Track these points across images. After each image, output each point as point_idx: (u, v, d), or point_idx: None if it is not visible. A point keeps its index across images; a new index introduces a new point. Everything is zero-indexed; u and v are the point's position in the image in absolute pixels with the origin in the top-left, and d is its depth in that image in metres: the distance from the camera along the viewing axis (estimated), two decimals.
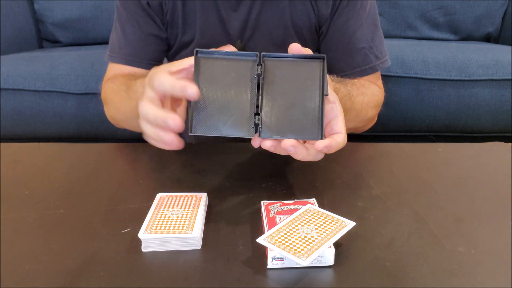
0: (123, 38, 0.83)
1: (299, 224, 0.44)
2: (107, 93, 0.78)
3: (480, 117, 1.38)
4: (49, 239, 0.46)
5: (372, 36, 0.80)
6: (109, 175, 0.62)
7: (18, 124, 1.40)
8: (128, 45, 0.82)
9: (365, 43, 0.79)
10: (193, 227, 0.45)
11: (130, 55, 0.82)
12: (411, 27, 1.82)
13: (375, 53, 0.81)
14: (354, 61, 0.80)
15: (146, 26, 0.81)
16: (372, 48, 0.80)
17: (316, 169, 0.63)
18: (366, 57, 0.80)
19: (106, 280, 0.40)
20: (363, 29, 0.79)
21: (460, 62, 1.36)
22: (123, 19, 0.82)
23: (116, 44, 0.84)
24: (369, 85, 0.80)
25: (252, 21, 0.79)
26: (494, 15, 1.78)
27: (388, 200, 0.54)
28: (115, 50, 0.84)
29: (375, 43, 0.81)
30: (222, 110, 0.47)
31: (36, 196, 0.56)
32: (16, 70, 1.40)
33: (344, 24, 0.78)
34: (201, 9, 0.79)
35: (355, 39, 0.79)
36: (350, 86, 0.71)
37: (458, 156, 0.68)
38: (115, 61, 0.84)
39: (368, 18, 0.79)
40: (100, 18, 1.84)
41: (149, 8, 0.80)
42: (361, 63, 0.80)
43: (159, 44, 0.83)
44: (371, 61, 0.81)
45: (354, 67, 0.80)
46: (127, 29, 0.82)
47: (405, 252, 0.43)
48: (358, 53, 0.80)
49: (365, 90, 0.76)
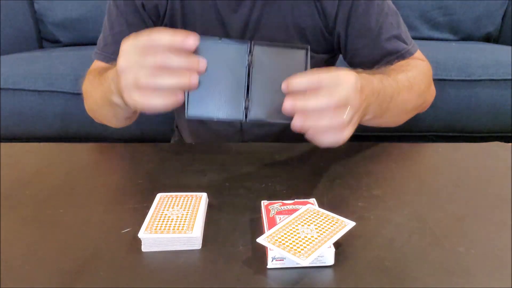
0: (110, 36, 0.82)
1: (299, 224, 0.44)
2: (84, 86, 0.77)
3: (480, 117, 1.38)
4: (49, 239, 0.46)
5: (398, 23, 0.79)
6: (109, 175, 0.62)
7: (18, 124, 1.40)
8: (114, 43, 0.81)
9: (393, 31, 0.78)
10: (193, 227, 0.45)
11: (114, 53, 0.80)
12: (411, 27, 1.82)
13: (404, 39, 0.79)
14: (387, 50, 0.78)
15: (135, 28, 0.80)
16: (400, 35, 0.79)
17: (316, 169, 0.63)
18: (397, 43, 0.78)
19: (106, 280, 0.40)
20: (388, 18, 0.77)
21: (460, 62, 1.36)
22: (113, 18, 0.81)
23: (102, 41, 0.83)
24: (407, 63, 0.76)
25: (253, 23, 0.78)
26: (494, 15, 1.78)
27: (388, 200, 0.54)
28: (101, 47, 0.83)
29: (401, 29, 0.79)
30: (215, 94, 0.51)
31: (36, 196, 0.56)
32: (16, 70, 1.40)
33: (367, 20, 0.76)
34: (200, 11, 0.78)
35: (383, 30, 0.77)
36: (385, 71, 0.69)
37: (458, 156, 0.68)
38: (99, 59, 0.83)
39: (390, 6, 0.78)
40: (100, 18, 1.83)
41: (143, 10, 0.79)
42: (395, 50, 0.78)
43: None
44: (403, 47, 0.79)
45: (389, 55, 0.78)
46: (115, 28, 0.81)
47: (405, 252, 0.43)
48: (388, 42, 0.78)
49: (406, 67, 0.73)
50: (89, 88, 0.73)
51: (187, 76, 0.48)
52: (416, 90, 0.71)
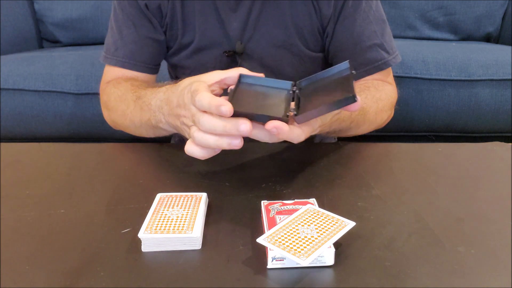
0: (119, 40, 0.82)
1: (299, 224, 0.44)
2: (110, 99, 0.77)
3: (480, 117, 1.38)
4: (49, 239, 0.46)
5: (382, 32, 0.79)
6: (109, 175, 0.62)
7: (18, 124, 1.40)
8: (123, 47, 0.82)
9: (375, 40, 0.78)
10: (193, 227, 0.45)
11: (126, 57, 0.82)
12: (411, 27, 1.82)
13: (386, 49, 0.80)
14: (366, 58, 0.79)
15: (143, 29, 0.81)
16: (383, 44, 0.79)
17: (316, 169, 0.63)
18: (378, 53, 0.79)
19: (106, 280, 0.40)
20: (372, 26, 0.78)
21: (460, 62, 1.36)
22: (120, 21, 0.81)
23: (111, 45, 0.83)
24: (383, 87, 0.78)
25: (252, 22, 0.78)
26: (494, 15, 1.78)
27: (388, 200, 0.54)
28: (111, 52, 0.83)
29: (385, 39, 0.80)
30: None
31: (36, 196, 0.56)
32: (16, 70, 1.40)
33: (351, 24, 0.77)
34: (200, 10, 0.79)
35: (365, 37, 0.78)
36: (365, 97, 0.71)
37: (458, 156, 0.68)
38: (111, 63, 0.83)
39: (376, 14, 0.79)
40: (100, 18, 1.84)
41: (147, 10, 0.79)
42: (373, 59, 0.79)
43: (155, 47, 0.83)
44: (383, 57, 0.80)
45: (367, 65, 0.79)
46: (123, 31, 0.81)
47: (405, 252, 0.43)
48: (369, 50, 0.79)
49: (380, 94, 0.75)
50: (121, 106, 0.73)
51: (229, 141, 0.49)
52: (378, 122, 0.76)
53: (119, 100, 0.73)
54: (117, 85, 0.77)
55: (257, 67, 0.82)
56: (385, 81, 0.82)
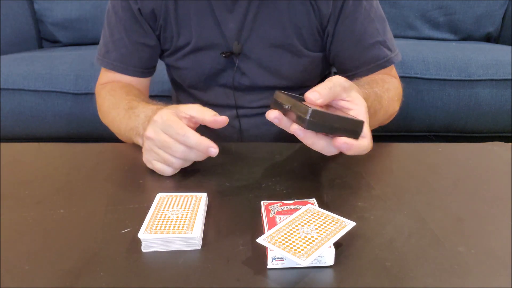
0: (111, 43, 0.83)
1: (299, 224, 0.44)
2: (104, 102, 0.79)
3: (480, 117, 1.38)
4: (49, 239, 0.46)
5: (384, 30, 0.79)
6: (109, 175, 0.62)
7: (18, 124, 1.40)
8: (114, 50, 0.82)
9: (378, 37, 0.78)
10: (193, 227, 0.45)
11: (116, 60, 0.83)
12: (411, 27, 1.82)
13: (388, 46, 0.80)
14: (368, 56, 0.79)
15: (134, 34, 0.81)
16: (385, 41, 0.79)
17: (316, 169, 0.63)
18: (381, 51, 0.79)
19: (106, 280, 0.40)
20: (374, 24, 0.78)
21: (460, 62, 1.36)
22: (112, 23, 0.82)
23: (103, 46, 0.84)
24: (390, 79, 0.78)
25: (249, 22, 0.78)
26: (494, 15, 1.78)
27: (388, 200, 0.54)
28: (102, 53, 0.84)
29: (387, 36, 0.80)
30: None
31: (36, 196, 0.56)
32: (16, 70, 1.40)
33: (352, 23, 0.77)
34: (195, 11, 0.78)
35: (367, 35, 0.78)
36: (376, 86, 0.70)
37: (458, 156, 0.68)
38: (103, 65, 0.84)
39: (377, 12, 0.79)
40: (100, 18, 1.84)
41: (140, 15, 0.79)
42: (376, 57, 0.79)
43: (146, 52, 0.83)
44: (386, 54, 0.79)
45: (370, 63, 0.79)
46: (115, 35, 0.82)
47: (405, 252, 0.43)
48: (372, 48, 0.78)
49: (388, 85, 0.75)
50: (112, 112, 0.75)
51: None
52: (390, 112, 0.77)
53: (112, 107, 0.76)
54: (112, 92, 0.79)
55: (255, 68, 0.82)
56: (390, 75, 0.82)
